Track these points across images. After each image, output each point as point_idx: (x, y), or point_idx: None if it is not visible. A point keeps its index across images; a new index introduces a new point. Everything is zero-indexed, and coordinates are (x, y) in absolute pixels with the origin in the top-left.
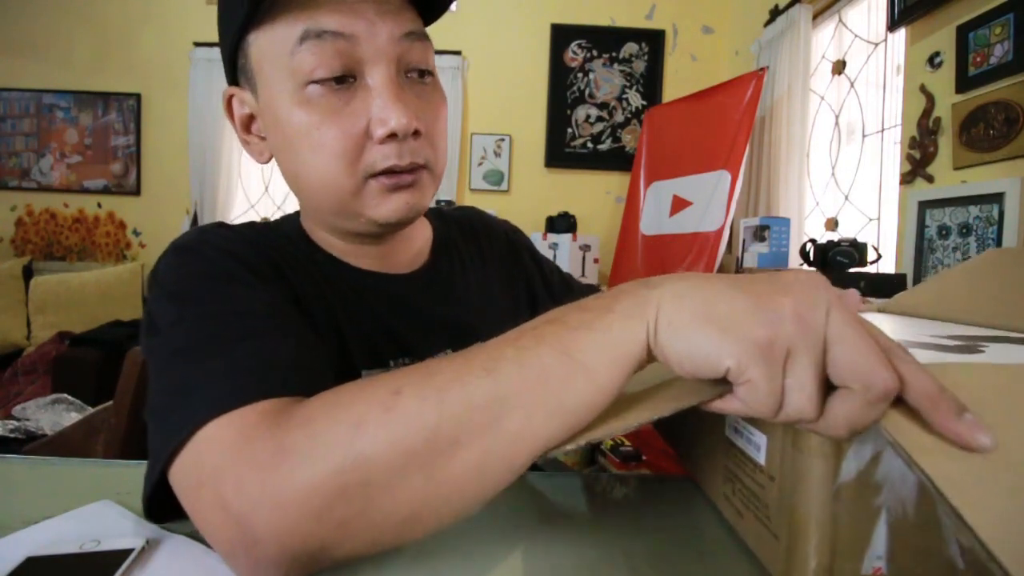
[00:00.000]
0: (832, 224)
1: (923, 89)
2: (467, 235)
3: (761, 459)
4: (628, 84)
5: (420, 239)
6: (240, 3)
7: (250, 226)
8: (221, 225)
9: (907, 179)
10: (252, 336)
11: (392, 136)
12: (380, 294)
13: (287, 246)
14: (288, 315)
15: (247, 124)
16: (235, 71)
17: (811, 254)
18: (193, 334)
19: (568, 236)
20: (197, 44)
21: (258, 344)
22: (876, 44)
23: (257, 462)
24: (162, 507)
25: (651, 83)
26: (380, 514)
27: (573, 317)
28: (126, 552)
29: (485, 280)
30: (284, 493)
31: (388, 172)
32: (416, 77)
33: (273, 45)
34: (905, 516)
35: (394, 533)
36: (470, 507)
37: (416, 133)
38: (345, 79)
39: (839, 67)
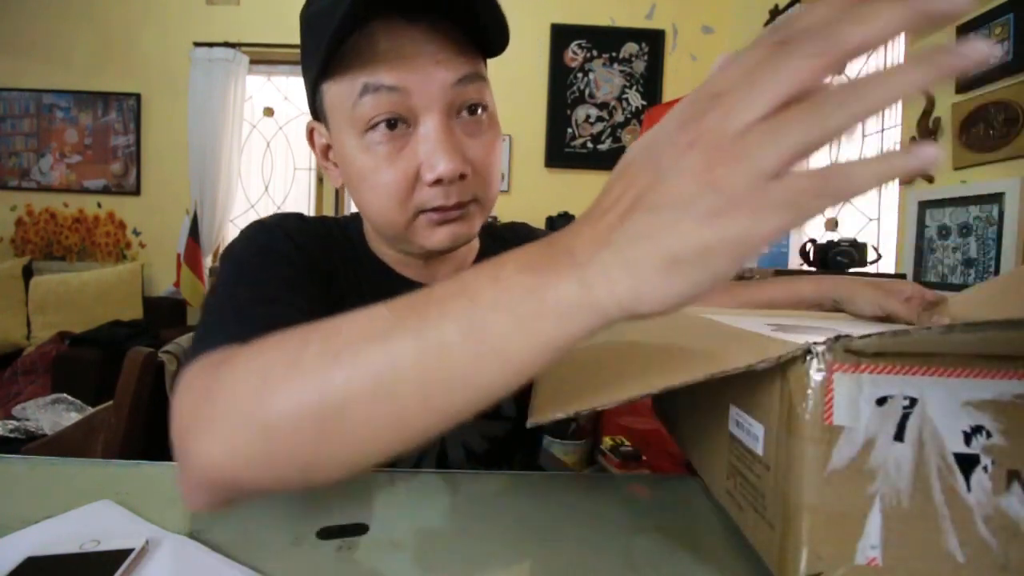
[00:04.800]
0: (832, 224)
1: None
2: None
3: (759, 449)
4: (628, 84)
5: (467, 255)
6: (314, 59)
7: (322, 221)
8: (300, 217)
9: (907, 179)
10: (274, 302)
11: (439, 180)
12: None
13: (347, 246)
14: (313, 301)
15: (325, 152)
16: (315, 108)
17: (811, 254)
18: (238, 294)
19: None
20: (197, 44)
21: (272, 309)
22: None
23: (193, 395)
24: None
25: (651, 83)
26: (280, 458)
27: (486, 294)
28: (126, 552)
29: None
30: (205, 427)
31: (436, 209)
32: (468, 115)
33: (340, 97)
34: (899, 505)
35: (298, 479)
36: (371, 462)
37: (463, 176)
38: (398, 124)
39: None
